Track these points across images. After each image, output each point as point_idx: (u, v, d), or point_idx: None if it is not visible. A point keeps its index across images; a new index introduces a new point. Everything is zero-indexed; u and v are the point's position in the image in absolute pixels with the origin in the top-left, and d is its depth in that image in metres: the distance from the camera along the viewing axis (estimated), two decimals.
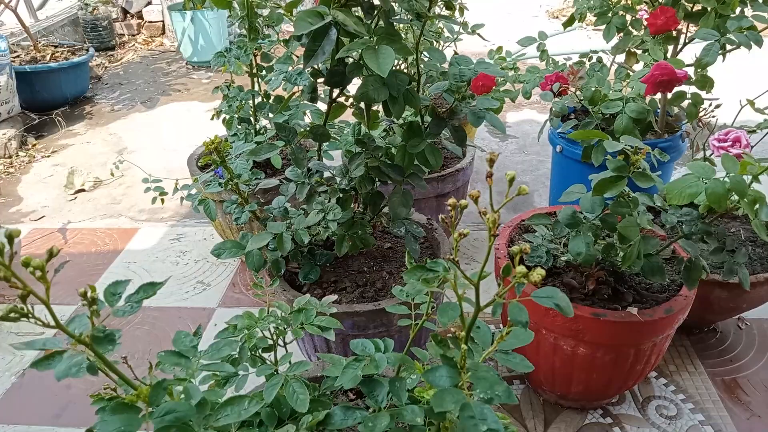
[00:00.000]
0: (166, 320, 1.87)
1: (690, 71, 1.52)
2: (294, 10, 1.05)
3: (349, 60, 1.09)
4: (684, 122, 1.71)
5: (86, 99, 3.85)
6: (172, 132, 3.32)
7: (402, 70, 1.05)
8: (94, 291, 0.51)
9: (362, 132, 1.29)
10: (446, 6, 1.11)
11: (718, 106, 1.60)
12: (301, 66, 1.04)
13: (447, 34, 2.04)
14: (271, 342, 0.89)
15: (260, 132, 1.81)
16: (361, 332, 1.32)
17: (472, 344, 0.67)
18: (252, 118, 1.84)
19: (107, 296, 0.54)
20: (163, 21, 5.11)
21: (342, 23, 0.90)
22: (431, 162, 1.14)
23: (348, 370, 0.71)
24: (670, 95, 1.60)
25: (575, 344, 1.29)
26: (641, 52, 1.62)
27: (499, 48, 1.94)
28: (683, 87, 1.58)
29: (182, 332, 0.68)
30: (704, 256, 1.24)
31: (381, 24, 1.03)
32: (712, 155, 1.35)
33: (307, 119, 1.74)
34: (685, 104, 1.65)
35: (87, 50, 3.75)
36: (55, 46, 3.80)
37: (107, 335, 0.51)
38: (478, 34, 1.82)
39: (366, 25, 0.93)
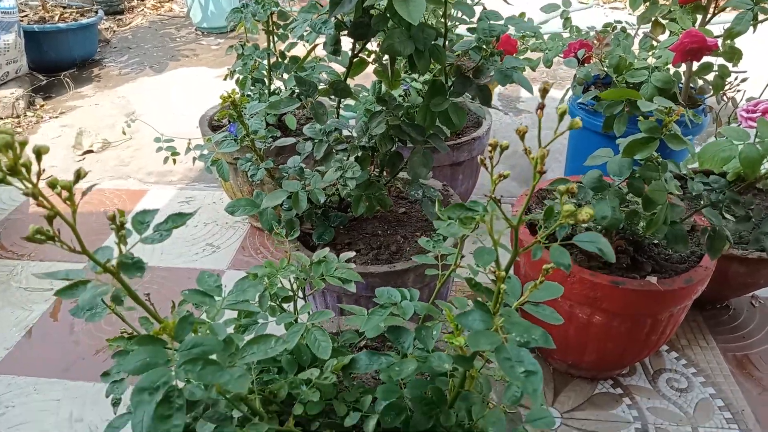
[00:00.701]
0: (176, 281, 1.87)
1: (718, 43, 1.48)
2: None
3: (375, 12, 1.06)
4: (708, 95, 1.67)
5: (94, 62, 3.80)
6: (181, 97, 3.28)
7: (429, 24, 1.01)
8: (123, 215, 0.49)
9: (383, 91, 1.26)
10: None
11: (745, 80, 1.56)
12: (326, 15, 1.01)
13: None
14: (291, 292, 0.87)
15: (275, 93, 1.78)
16: (375, 295, 1.31)
17: (504, 294, 0.65)
18: (266, 79, 1.80)
19: (135, 224, 0.52)
20: None
21: None
22: (454, 121, 1.12)
23: (373, 317, 0.69)
24: (696, 66, 1.56)
25: (591, 312, 1.27)
26: (668, 22, 1.58)
27: (522, 14, 1.89)
28: (710, 59, 1.54)
29: (206, 272, 0.67)
30: (728, 228, 1.22)
31: None
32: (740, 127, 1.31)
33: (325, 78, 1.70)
34: (711, 77, 1.61)
35: (96, 12, 3.70)
36: (64, 7, 3.74)
37: (136, 262, 0.49)
38: None
39: None
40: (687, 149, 1.03)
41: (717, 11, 1.57)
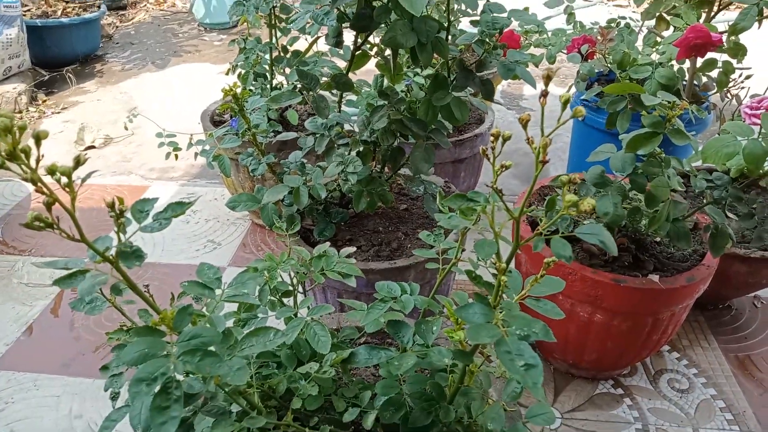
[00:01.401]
0: (177, 277, 1.86)
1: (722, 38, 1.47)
2: None
3: (377, 4, 1.05)
4: (712, 92, 1.67)
5: (97, 57, 3.80)
6: (184, 92, 3.28)
7: (432, 17, 1.01)
8: (122, 203, 0.49)
9: (385, 85, 1.25)
10: None
11: (749, 77, 1.55)
12: (328, 7, 1.01)
13: None
14: (291, 287, 0.87)
15: (277, 88, 1.77)
16: (376, 291, 1.31)
17: (504, 288, 0.65)
18: (268, 74, 1.80)
19: (134, 213, 0.51)
20: None
21: None
22: (457, 115, 1.11)
23: (373, 311, 0.69)
24: (700, 62, 1.55)
25: (592, 311, 1.27)
26: (673, 17, 1.57)
27: (526, 8, 1.88)
28: (714, 55, 1.53)
29: (206, 264, 0.66)
30: (731, 226, 1.22)
31: None
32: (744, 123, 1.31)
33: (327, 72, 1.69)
34: (715, 73, 1.60)
35: (99, 7, 3.70)
36: (66, 2, 3.74)
37: (135, 251, 0.48)
38: None
39: None
40: (690, 146, 1.02)
41: (722, 7, 1.56)
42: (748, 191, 1.06)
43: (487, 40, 1.02)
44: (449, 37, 1.09)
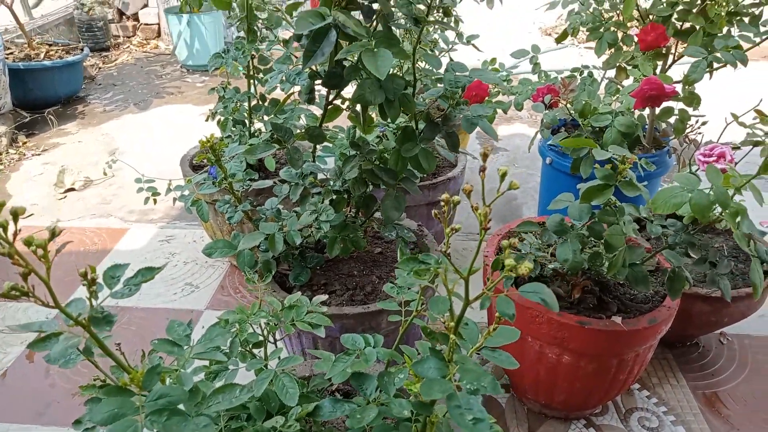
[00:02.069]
0: (154, 321, 1.87)
1: (678, 88, 1.56)
2: (294, 12, 1.07)
3: (347, 63, 1.11)
4: (671, 138, 1.75)
5: (79, 99, 3.84)
6: (165, 134, 3.32)
7: (398, 75, 1.07)
8: (94, 271, 0.52)
9: (357, 136, 1.31)
10: (444, 12, 1.14)
11: (705, 123, 1.63)
12: (300, 66, 1.06)
13: (442, 45, 2.08)
14: (262, 338, 0.90)
15: (255, 135, 1.82)
16: None
17: (460, 340, 0.68)
18: (247, 121, 1.85)
19: (106, 279, 0.55)
20: (159, 23, 5.12)
21: (342, 24, 0.92)
22: (424, 166, 1.16)
23: (338, 364, 0.72)
24: (659, 110, 1.64)
25: (560, 352, 1.30)
26: (631, 68, 1.66)
27: (493, 59, 1.97)
28: (671, 103, 1.62)
29: (176, 321, 0.69)
30: (688, 269, 1.27)
31: (380, 28, 1.05)
32: (698, 170, 1.38)
33: (302, 124, 1.75)
34: (673, 120, 1.69)
35: (81, 50, 3.75)
36: (50, 45, 3.80)
37: (105, 316, 0.51)
38: (473, 45, 1.86)
39: (365, 28, 0.95)
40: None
41: (677, 59, 1.66)
42: (704, 235, 1.12)
43: (450, 97, 1.08)
44: (415, 93, 1.15)
